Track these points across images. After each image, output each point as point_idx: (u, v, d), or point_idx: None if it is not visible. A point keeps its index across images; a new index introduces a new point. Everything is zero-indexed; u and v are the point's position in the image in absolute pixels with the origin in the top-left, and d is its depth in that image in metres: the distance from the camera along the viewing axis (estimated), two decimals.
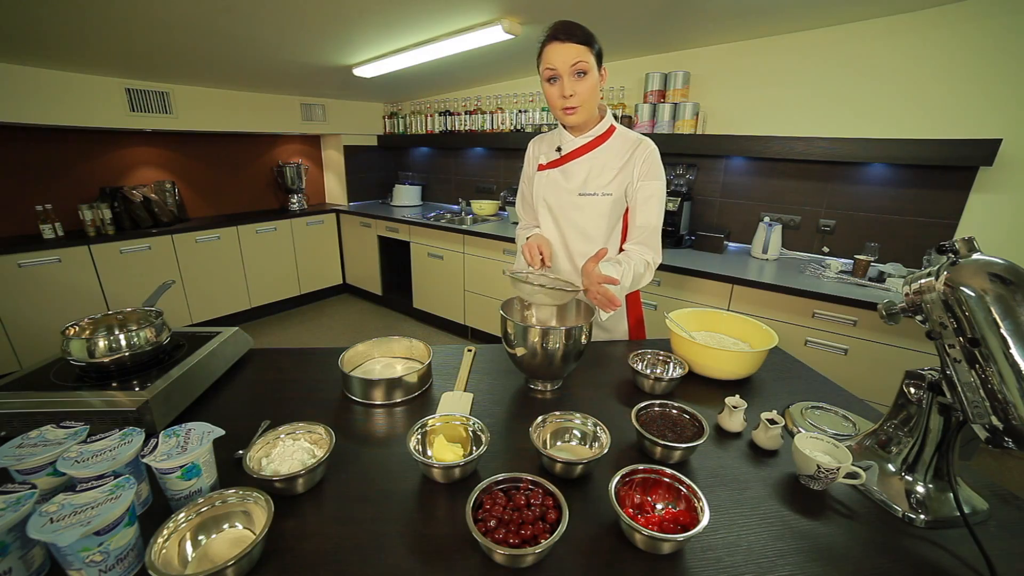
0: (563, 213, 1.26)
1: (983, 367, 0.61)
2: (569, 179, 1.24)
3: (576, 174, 1.23)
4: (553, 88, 1.11)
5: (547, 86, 1.12)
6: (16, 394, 0.83)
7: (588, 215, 1.23)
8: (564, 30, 1.07)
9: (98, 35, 2.15)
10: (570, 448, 0.82)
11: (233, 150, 3.78)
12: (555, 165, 1.25)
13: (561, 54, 1.06)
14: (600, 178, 1.21)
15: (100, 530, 0.51)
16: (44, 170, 2.91)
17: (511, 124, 3.26)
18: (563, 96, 1.10)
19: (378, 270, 3.93)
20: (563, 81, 1.08)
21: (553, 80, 1.10)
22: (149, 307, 1.04)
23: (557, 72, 1.08)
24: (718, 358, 1.05)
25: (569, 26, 1.07)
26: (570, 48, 1.06)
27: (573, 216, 1.25)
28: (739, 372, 1.06)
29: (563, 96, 1.10)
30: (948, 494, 0.69)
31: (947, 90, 1.95)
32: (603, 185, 1.21)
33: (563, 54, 1.06)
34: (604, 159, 1.21)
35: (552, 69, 1.08)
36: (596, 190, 1.21)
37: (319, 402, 0.97)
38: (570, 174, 1.24)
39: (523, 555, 0.56)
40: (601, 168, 1.21)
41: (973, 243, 0.66)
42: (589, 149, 1.22)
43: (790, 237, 2.47)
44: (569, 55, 1.06)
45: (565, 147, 1.23)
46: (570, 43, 1.06)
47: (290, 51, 2.58)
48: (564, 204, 1.25)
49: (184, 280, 3.22)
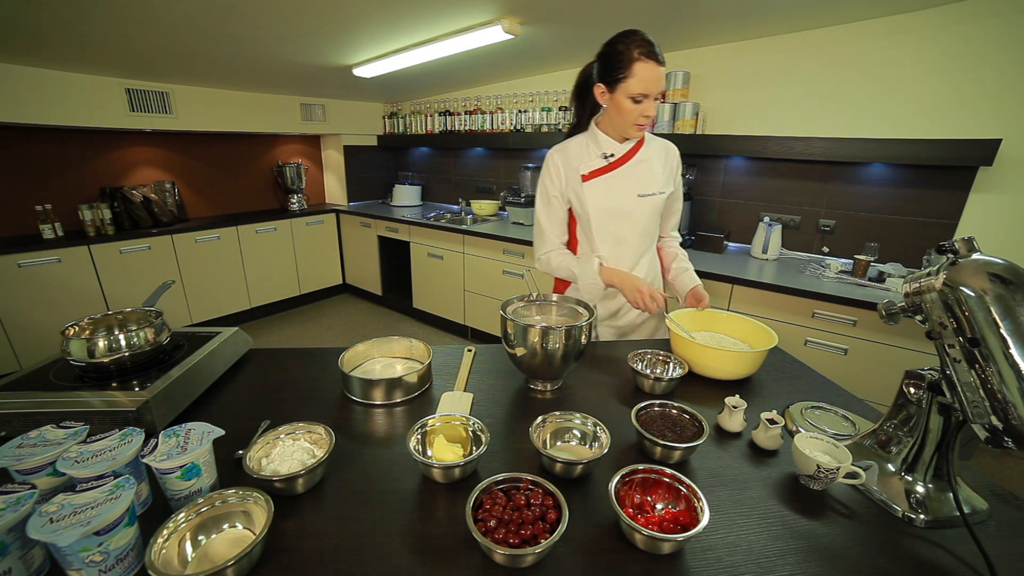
0: (625, 217, 1.28)
1: (983, 367, 0.61)
2: (625, 182, 1.25)
3: (630, 177, 1.26)
4: (636, 107, 1.13)
5: (628, 102, 1.13)
6: (16, 394, 0.83)
7: (648, 214, 1.28)
8: (656, 49, 1.08)
9: (98, 35, 2.15)
10: (570, 448, 0.82)
11: (233, 150, 3.79)
12: (606, 171, 1.25)
13: (656, 81, 1.09)
14: (653, 178, 1.26)
15: (100, 530, 0.51)
16: (44, 170, 2.92)
17: (511, 124, 3.26)
18: (645, 116, 1.14)
19: (378, 270, 3.93)
20: (649, 102, 1.12)
21: (639, 101, 1.12)
22: (149, 307, 1.04)
23: (647, 96, 1.11)
24: (718, 358, 1.05)
25: (656, 47, 1.09)
26: (661, 72, 1.09)
27: (634, 218, 1.28)
28: (739, 372, 1.06)
29: (645, 116, 1.14)
30: (948, 494, 0.69)
31: (947, 90, 1.95)
32: (658, 184, 1.27)
33: (658, 82, 1.10)
34: (650, 161, 1.26)
35: (643, 94, 1.10)
36: (653, 190, 1.26)
37: (319, 402, 0.97)
38: (625, 178, 1.26)
39: (523, 555, 0.56)
40: (650, 169, 1.26)
41: (973, 243, 0.66)
42: (635, 152, 1.26)
43: (790, 237, 2.47)
44: (661, 83, 1.10)
45: (616, 153, 1.25)
46: (661, 66, 1.09)
47: (290, 51, 2.58)
48: (625, 208, 1.26)
49: (184, 280, 3.22)
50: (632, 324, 1.40)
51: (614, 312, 1.38)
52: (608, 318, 1.39)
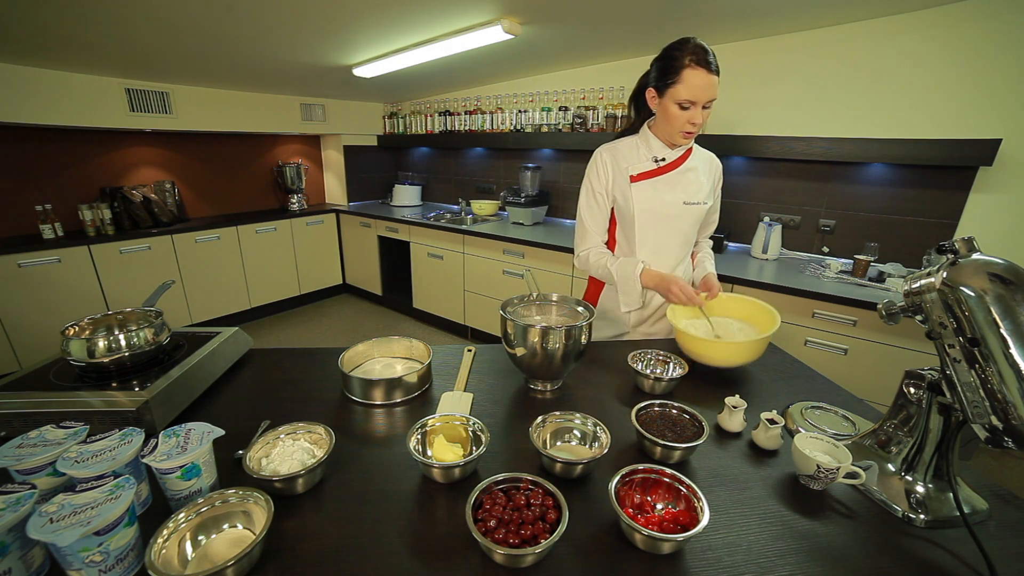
0: (668, 222, 1.27)
1: (983, 367, 0.61)
2: (673, 189, 1.25)
3: (678, 184, 1.25)
4: (684, 113, 1.12)
5: (675, 108, 1.12)
6: (16, 394, 0.83)
7: (690, 223, 1.29)
8: (707, 59, 1.06)
9: (99, 35, 2.15)
10: (570, 448, 0.82)
11: (233, 150, 3.78)
12: (656, 174, 1.25)
13: (705, 89, 1.07)
14: (699, 187, 1.27)
15: (100, 530, 0.51)
16: (44, 170, 2.91)
17: (511, 124, 3.26)
18: (692, 123, 1.13)
19: (378, 270, 3.93)
20: (696, 110, 1.10)
21: (686, 108, 1.11)
22: (149, 307, 1.04)
23: (694, 103, 1.09)
24: (723, 350, 1.05)
25: (710, 55, 1.07)
26: (712, 80, 1.07)
27: (677, 223, 1.27)
28: (746, 359, 1.06)
29: (692, 123, 1.13)
30: (948, 494, 0.69)
31: (947, 90, 1.95)
32: (703, 194, 1.27)
33: (707, 90, 1.07)
34: (698, 170, 1.27)
35: (691, 101, 1.09)
36: (699, 199, 1.26)
37: (319, 402, 0.97)
38: (673, 184, 1.25)
39: (523, 555, 0.56)
40: (696, 178, 1.27)
41: (973, 243, 0.66)
42: (684, 160, 1.25)
43: (790, 237, 2.47)
44: (711, 90, 1.08)
45: (668, 158, 1.24)
46: (712, 75, 1.06)
47: (290, 51, 2.58)
48: (669, 213, 1.26)
49: (184, 280, 3.22)
50: (665, 329, 1.39)
51: (645, 319, 1.37)
52: (640, 324, 1.38)
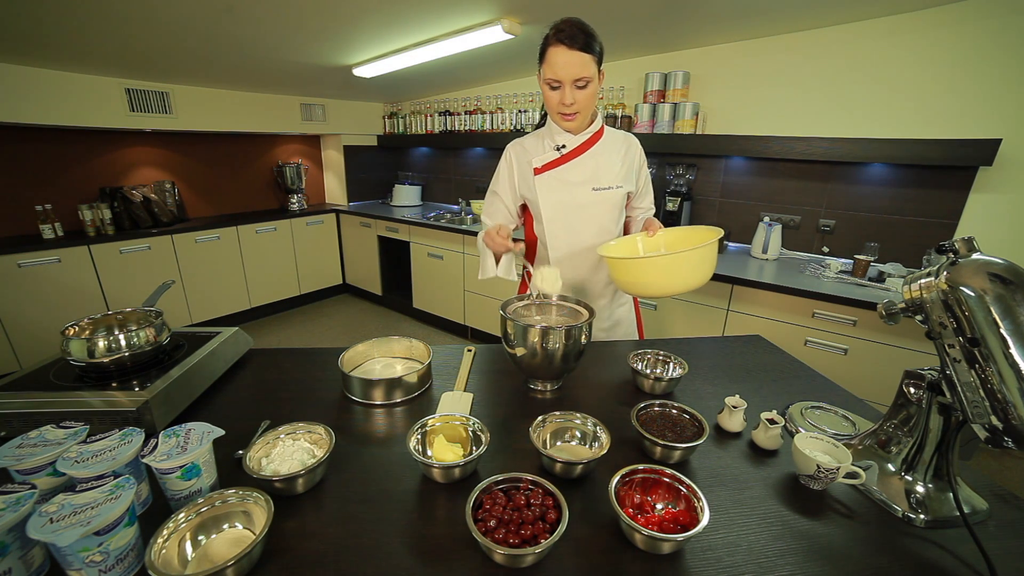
0: (577, 211, 1.24)
1: (983, 367, 0.61)
2: (578, 176, 1.22)
3: (583, 170, 1.22)
4: (554, 93, 1.11)
5: (547, 88, 1.11)
6: (16, 394, 0.83)
7: (604, 209, 1.25)
8: (570, 35, 1.04)
9: (98, 35, 2.15)
10: (570, 448, 0.82)
11: (233, 150, 3.78)
12: (559, 163, 1.23)
13: (566, 66, 1.05)
14: (610, 172, 1.23)
15: (100, 530, 0.51)
16: (44, 170, 2.91)
17: (511, 124, 3.26)
18: (563, 103, 1.10)
19: (378, 270, 3.93)
20: (565, 89, 1.08)
21: (555, 87, 1.10)
22: (149, 307, 1.04)
23: (560, 82, 1.08)
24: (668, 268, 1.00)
25: (575, 30, 1.04)
26: (574, 58, 1.04)
27: (589, 212, 1.24)
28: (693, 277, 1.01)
29: (563, 103, 1.10)
30: (948, 494, 0.69)
31: (947, 90, 1.95)
32: (614, 179, 1.23)
33: (568, 67, 1.05)
34: (607, 154, 1.23)
35: (556, 80, 1.07)
36: (609, 184, 1.22)
37: (319, 402, 0.97)
38: (577, 171, 1.22)
39: (523, 555, 0.56)
40: (607, 162, 1.23)
41: (973, 243, 0.66)
42: (591, 145, 1.22)
43: (790, 237, 2.47)
44: (573, 68, 1.05)
45: (569, 144, 1.22)
46: (575, 51, 1.04)
47: (290, 51, 2.58)
48: (578, 202, 1.23)
49: (184, 280, 3.22)
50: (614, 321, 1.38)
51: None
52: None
